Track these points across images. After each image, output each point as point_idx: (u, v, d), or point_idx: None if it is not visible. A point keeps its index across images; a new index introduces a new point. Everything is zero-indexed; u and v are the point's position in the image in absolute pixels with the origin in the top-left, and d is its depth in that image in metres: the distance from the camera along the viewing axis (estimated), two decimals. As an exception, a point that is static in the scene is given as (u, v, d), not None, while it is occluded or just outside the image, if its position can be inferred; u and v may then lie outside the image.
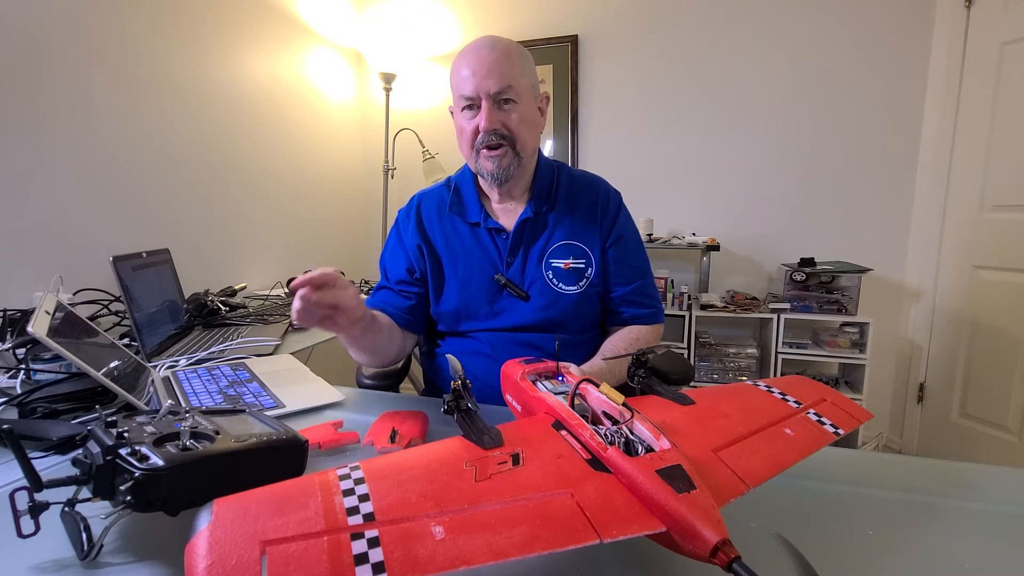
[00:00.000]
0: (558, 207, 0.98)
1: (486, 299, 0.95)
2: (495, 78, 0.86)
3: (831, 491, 0.55)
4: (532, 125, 0.93)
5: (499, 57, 0.87)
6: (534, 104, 0.94)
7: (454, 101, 0.93)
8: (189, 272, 1.50)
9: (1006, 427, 1.91)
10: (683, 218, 2.37)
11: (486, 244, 0.97)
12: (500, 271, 0.96)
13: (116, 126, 1.55)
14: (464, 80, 0.88)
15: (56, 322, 0.74)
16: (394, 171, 2.58)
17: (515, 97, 0.89)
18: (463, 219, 0.98)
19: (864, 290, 2.04)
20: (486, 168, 0.91)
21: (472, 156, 0.93)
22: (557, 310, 0.95)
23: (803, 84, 2.18)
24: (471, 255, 0.97)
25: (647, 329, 0.99)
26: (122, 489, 0.39)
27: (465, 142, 0.92)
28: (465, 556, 0.31)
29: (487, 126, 0.88)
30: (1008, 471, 0.60)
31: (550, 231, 0.97)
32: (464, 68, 0.88)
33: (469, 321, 0.97)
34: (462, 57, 0.90)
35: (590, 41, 2.40)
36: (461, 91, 0.89)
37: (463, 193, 1.00)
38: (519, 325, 0.95)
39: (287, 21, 2.24)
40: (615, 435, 0.43)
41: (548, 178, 1.00)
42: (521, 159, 0.92)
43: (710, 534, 0.33)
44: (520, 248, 0.96)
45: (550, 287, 0.95)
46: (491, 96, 0.87)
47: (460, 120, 0.92)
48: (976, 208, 1.95)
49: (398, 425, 0.66)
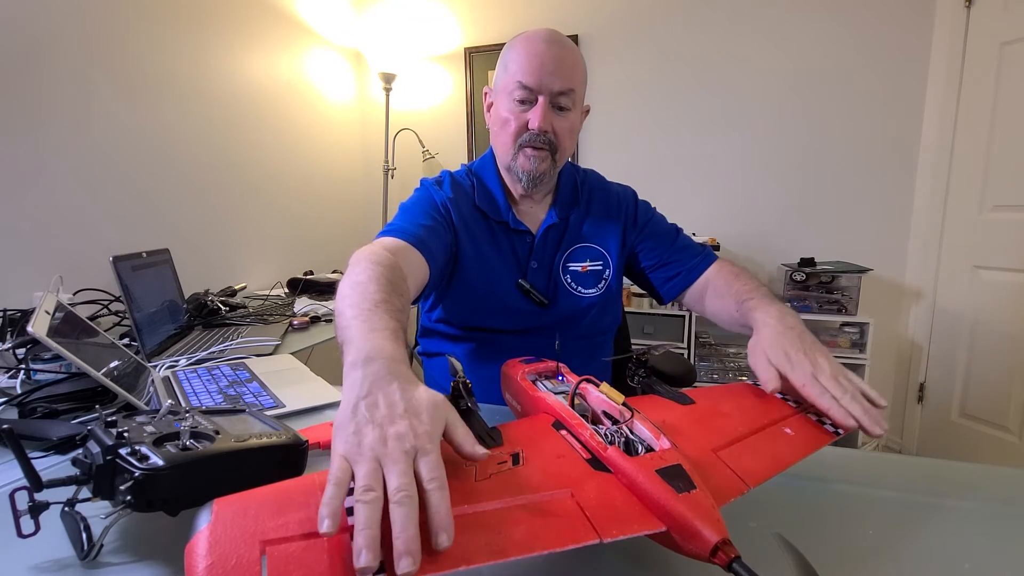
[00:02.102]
0: (576, 211, 0.96)
1: (505, 302, 0.92)
2: (561, 78, 0.82)
3: (831, 491, 0.55)
4: (574, 137, 0.89)
5: (569, 56, 0.83)
6: (580, 116, 0.90)
7: (503, 84, 0.86)
8: (189, 272, 1.50)
9: (1006, 427, 1.91)
10: (683, 218, 2.34)
11: (509, 244, 0.93)
12: (522, 275, 0.93)
13: (116, 126, 1.55)
14: (528, 68, 0.81)
15: (56, 322, 0.74)
16: (394, 171, 2.58)
17: (571, 105, 0.85)
18: (489, 215, 0.92)
19: (864, 290, 2.04)
20: (523, 167, 0.86)
21: (511, 150, 0.87)
22: (572, 314, 0.93)
23: (803, 84, 2.18)
24: (494, 254, 0.92)
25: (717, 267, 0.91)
26: (122, 489, 0.39)
27: (507, 133, 0.86)
28: (465, 556, 0.31)
29: (540, 126, 0.82)
30: (1008, 471, 0.60)
31: (569, 235, 0.95)
32: (531, 56, 0.81)
33: (479, 321, 0.94)
34: (529, 43, 0.83)
35: (590, 41, 2.41)
36: (521, 77, 0.82)
37: (489, 188, 0.94)
38: (530, 328, 0.93)
39: (287, 21, 2.24)
40: (615, 435, 0.43)
41: (571, 183, 0.97)
42: (556, 167, 0.89)
43: (710, 534, 0.33)
44: (543, 254, 0.93)
45: (570, 292, 0.93)
46: (552, 94, 0.82)
47: (506, 108, 0.85)
48: (976, 208, 1.95)
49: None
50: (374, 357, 0.44)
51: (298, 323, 1.40)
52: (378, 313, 0.53)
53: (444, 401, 0.41)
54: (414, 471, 0.34)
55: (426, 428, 0.37)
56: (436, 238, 0.84)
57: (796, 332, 0.62)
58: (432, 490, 0.32)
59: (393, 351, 0.46)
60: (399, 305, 0.58)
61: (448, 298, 0.94)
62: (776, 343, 0.60)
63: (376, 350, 0.45)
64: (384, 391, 0.40)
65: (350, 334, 0.49)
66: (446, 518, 0.31)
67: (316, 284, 1.85)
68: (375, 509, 0.31)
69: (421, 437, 0.36)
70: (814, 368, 0.56)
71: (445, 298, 0.95)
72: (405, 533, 0.29)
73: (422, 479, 0.33)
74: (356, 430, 0.37)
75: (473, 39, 2.57)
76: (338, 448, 0.36)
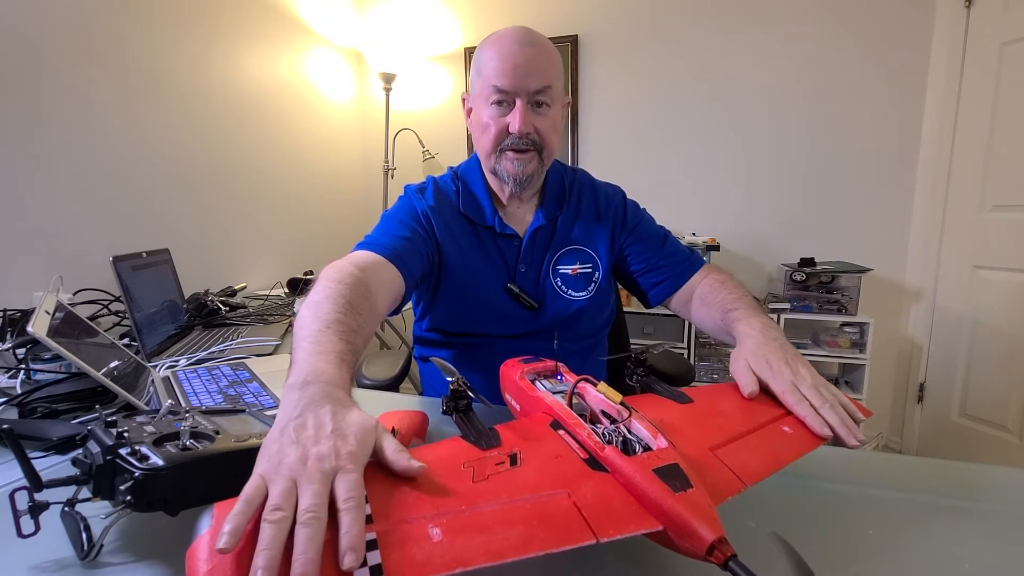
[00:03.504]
0: (565, 212, 0.94)
1: (494, 307, 0.91)
2: (536, 77, 0.80)
3: (831, 490, 0.55)
4: (559, 131, 0.88)
5: (541, 54, 0.81)
6: (562, 110, 0.88)
7: (478, 88, 0.84)
8: (189, 272, 1.50)
9: (1006, 427, 1.91)
10: (683, 218, 2.37)
11: (496, 249, 0.92)
12: (510, 279, 0.92)
13: (116, 126, 1.55)
14: (500, 71, 0.80)
15: (56, 322, 0.74)
16: (394, 171, 2.58)
17: (550, 100, 0.83)
18: (475, 221, 0.91)
19: (864, 290, 2.04)
20: (508, 171, 0.85)
21: (493, 155, 0.85)
22: (563, 318, 0.92)
23: (803, 83, 2.18)
24: (480, 260, 0.91)
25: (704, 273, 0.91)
26: (122, 489, 0.39)
27: (488, 138, 0.84)
28: (462, 557, 0.31)
29: (522, 129, 0.81)
30: (1008, 471, 0.60)
31: (558, 237, 0.93)
32: (502, 59, 0.80)
33: (470, 327, 0.93)
34: (499, 44, 0.81)
35: (590, 41, 2.40)
36: (495, 81, 0.80)
37: (475, 193, 0.93)
38: (522, 333, 0.92)
39: (287, 21, 2.24)
40: (612, 434, 0.43)
41: (559, 183, 0.96)
42: (544, 166, 0.88)
43: (706, 532, 0.33)
44: (532, 257, 0.92)
45: (560, 295, 0.92)
46: (529, 95, 0.81)
47: (484, 114, 0.84)
48: (976, 208, 1.95)
49: (398, 425, 0.66)
50: (312, 380, 0.44)
51: (298, 323, 1.40)
52: (327, 335, 0.52)
53: (376, 424, 0.41)
54: (332, 491, 0.33)
55: (350, 449, 0.36)
56: (413, 250, 0.82)
57: (778, 343, 0.63)
58: (346, 510, 0.32)
59: (332, 375, 0.46)
60: (354, 325, 0.57)
61: (437, 307, 0.94)
62: (758, 352, 0.61)
63: (315, 373, 0.45)
64: (315, 413, 0.40)
65: (297, 355, 0.49)
66: (356, 539, 0.30)
67: (316, 284, 1.84)
68: (280, 530, 0.30)
69: (343, 457, 0.36)
70: (795, 377, 0.57)
71: (434, 307, 0.94)
72: (304, 555, 0.29)
73: (338, 499, 0.33)
74: (279, 450, 0.36)
75: (473, 39, 2.57)
76: (258, 467, 0.36)
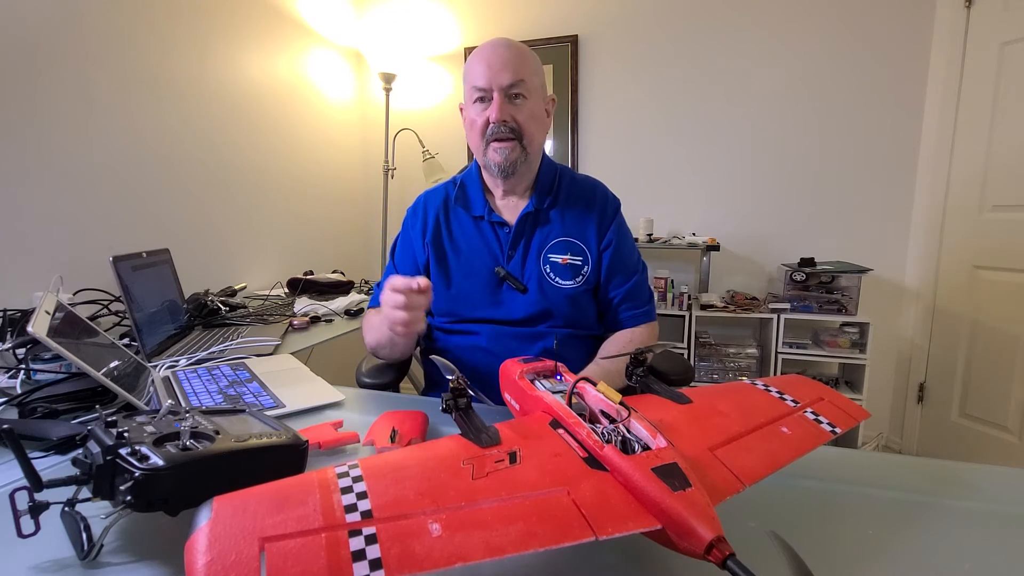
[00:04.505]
0: (559, 204, 1.01)
1: (486, 291, 0.99)
2: (508, 72, 0.91)
3: (831, 490, 0.55)
4: (540, 122, 0.97)
5: (513, 54, 0.92)
6: (542, 104, 0.98)
7: (466, 95, 0.96)
8: (189, 272, 1.50)
9: (1006, 427, 1.91)
10: (683, 218, 2.37)
11: (488, 237, 1.00)
12: (501, 264, 0.99)
13: (116, 126, 1.55)
14: (478, 73, 0.92)
15: (56, 322, 0.75)
16: (394, 171, 2.59)
17: (525, 93, 0.93)
18: (467, 212, 1.02)
19: (864, 290, 2.04)
20: (494, 160, 0.94)
21: (481, 148, 0.95)
22: (552, 304, 0.98)
23: (803, 84, 2.18)
24: (473, 247, 1.00)
25: (639, 330, 1.02)
26: (122, 489, 0.39)
27: (475, 134, 0.95)
28: (461, 553, 0.31)
29: (498, 117, 0.91)
30: (1008, 471, 0.60)
31: (550, 227, 1.00)
32: (479, 62, 0.92)
33: (468, 312, 1.00)
34: (477, 53, 0.94)
35: (590, 41, 2.41)
36: (474, 82, 0.92)
37: (468, 188, 1.04)
38: (516, 319, 0.98)
39: (287, 21, 2.24)
40: (612, 433, 0.43)
41: (551, 176, 1.03)
42: (528, 154, 0.96)
43: (704, 531, 0.33)
44: (521, 242, 1.00)
45: (547, 281, 0.98)
46: (503, 89, 0.91)
47: (471, 113, 0.95)
48: (976, 208, 1.95)
49: (398, 425, 0.66)
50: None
51: (298, 323, 1.41)
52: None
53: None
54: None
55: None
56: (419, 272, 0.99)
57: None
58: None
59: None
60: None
61: (440, 292, 1.00)
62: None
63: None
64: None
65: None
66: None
67: (316, 284, 1.85)
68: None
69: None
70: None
71: (437, 292, 1.00)
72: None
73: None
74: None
75: (473, 39, 2.57)
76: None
